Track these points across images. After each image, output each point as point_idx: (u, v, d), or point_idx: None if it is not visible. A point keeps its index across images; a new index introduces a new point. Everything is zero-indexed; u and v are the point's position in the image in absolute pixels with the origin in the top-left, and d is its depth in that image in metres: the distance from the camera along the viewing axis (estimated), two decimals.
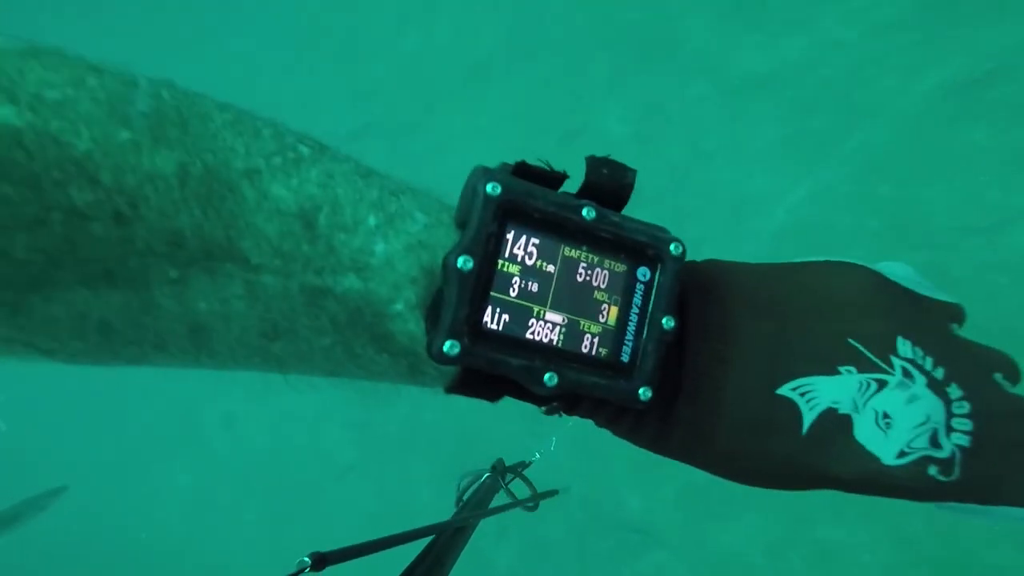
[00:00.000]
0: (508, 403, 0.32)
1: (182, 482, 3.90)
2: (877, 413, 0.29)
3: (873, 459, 0.28)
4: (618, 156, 0.34)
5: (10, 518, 1.99)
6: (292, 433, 3.49)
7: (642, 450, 0.32)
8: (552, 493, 0.71)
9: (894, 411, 0.29)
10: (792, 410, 0.29)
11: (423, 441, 2.99)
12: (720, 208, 2.75)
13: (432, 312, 0.27)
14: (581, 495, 2.43)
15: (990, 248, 2.04)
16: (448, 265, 0.27)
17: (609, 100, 3.43)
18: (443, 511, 0.67)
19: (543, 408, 0.31)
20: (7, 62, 0.23)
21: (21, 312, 0.24)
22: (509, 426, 2.20)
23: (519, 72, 3.82)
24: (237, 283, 0.26)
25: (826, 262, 0.33)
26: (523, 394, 0.30)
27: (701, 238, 2.94)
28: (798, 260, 0.33)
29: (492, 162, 0.32)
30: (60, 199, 0.23)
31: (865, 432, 0.29)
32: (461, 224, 0.29)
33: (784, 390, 0.29)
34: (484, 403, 0.30)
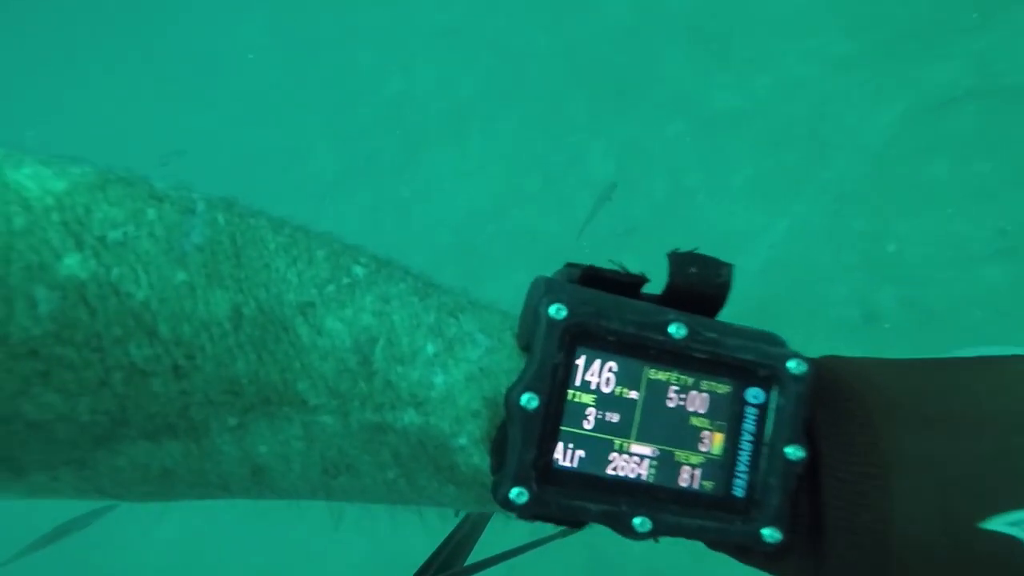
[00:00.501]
0: None
1: (166, 535, 3.77)
2: None
3: None
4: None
5: (59, 533, 2.05)
6: None
7: None
8: (574, 530, 0.68)
9: None
10: (1019, 550, 0.24)
11: None
12: (705, 246, 2.80)
13: (497, 449, 0.25)
14: (581, 538, 2.39)
15: (963, 282, 2.11)
16: (511, 403, 0.25)
17: (590, 140, 3.52)
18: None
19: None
20: (78, 198, 0.23)
21: (87, 466, 0.24)
22: None
23: (501, 114, 3.91)
24: (296, 425, 0.25)
25: (1015, 356, 0.26)
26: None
27: None
28: (963, 354, 0.27)
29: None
30: (121, 358, 0.23)
31: None
32: (525, 346, 0.26)
33: (997, 524, 0.24)
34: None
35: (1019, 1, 2.50)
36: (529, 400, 0.25)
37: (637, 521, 0.25)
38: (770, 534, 0.26)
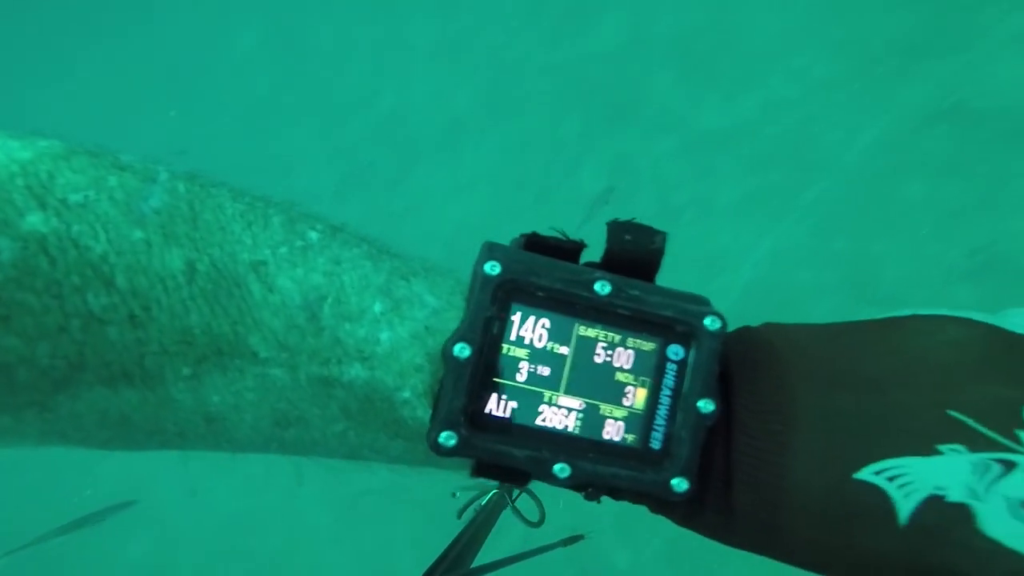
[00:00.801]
0: None
1: (133, 554, 3.67)
2: (1010, 501, 0.24)
3: (1017, 557, 0.24)
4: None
5: (76, 525, 2.07)
6: (262, 496, 3.36)
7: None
8: (578, 538, 0.67)
9: None
10: (879, 497, 0.25)
11: (406, 496, 2.90)
12: (691, 264, 2.85)
13: (436, 400, 0.27)
14: (565, 552, 2.39)
15: (937, 301, 2.17)
16: (446, 353, 0.27)
17: (582, 156, 3.58)
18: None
19: (582, 493, 0.29)
20: (42, 166, 0.25)
21: (49, 409, 0.25)
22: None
23: (495, 131, 3.98)
24: (247, 377, 0.27)
25: (915, 316, 0.28)
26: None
27: None
28: (876, 317, 0.28)
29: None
30: (79, 305, 0.24)
31: (996, 524, 0.24)
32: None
33: (864, 474, 0.25)
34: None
35: (989, 28, 2.60)
36: (461, 349, 0.26)
37: (557, 467, 0.27)
38: (678, 484, 0.27)
